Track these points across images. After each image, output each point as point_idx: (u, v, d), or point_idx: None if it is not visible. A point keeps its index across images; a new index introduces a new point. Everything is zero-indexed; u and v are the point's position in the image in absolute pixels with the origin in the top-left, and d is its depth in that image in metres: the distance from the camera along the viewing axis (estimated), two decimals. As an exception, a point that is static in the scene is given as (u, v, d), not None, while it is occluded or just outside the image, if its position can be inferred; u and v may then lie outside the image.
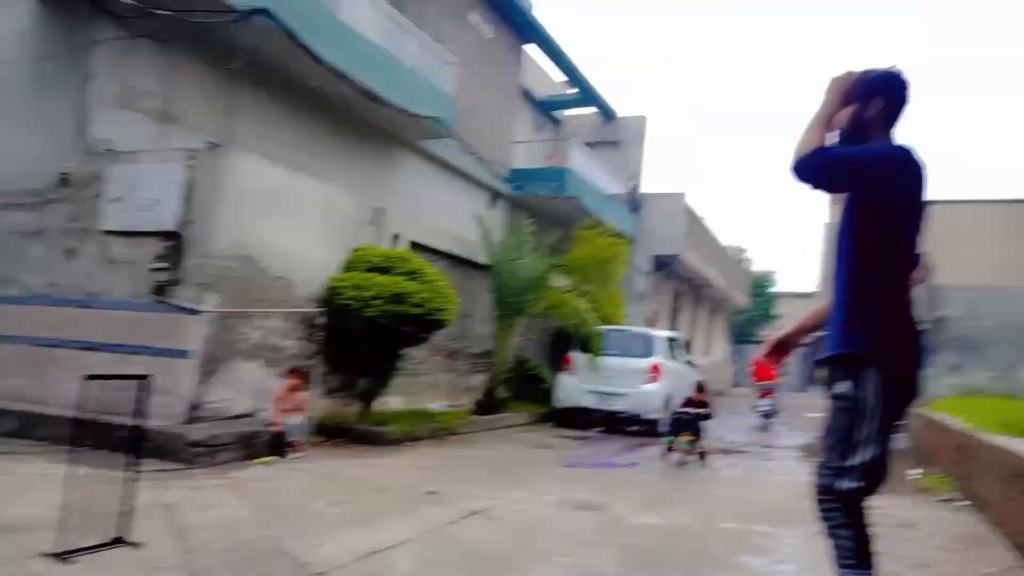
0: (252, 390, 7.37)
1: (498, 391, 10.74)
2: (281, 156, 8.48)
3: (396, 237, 9.54)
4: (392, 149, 11.23)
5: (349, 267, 8.55)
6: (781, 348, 2.72)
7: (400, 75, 9.83)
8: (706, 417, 8.27)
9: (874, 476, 2.37)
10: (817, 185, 2.40)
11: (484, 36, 13.64)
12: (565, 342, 12.90)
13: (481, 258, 11.27)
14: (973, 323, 14.47)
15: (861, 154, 2.42)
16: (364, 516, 4.74)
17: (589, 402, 11.27)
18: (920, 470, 8.79)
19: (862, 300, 2.42)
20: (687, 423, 8.09)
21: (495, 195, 14.22)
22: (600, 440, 10.10)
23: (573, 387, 11.40)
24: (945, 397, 13.38)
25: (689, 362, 13.07)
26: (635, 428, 11.56)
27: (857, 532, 2.39)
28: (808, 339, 2.83)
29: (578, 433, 10.62)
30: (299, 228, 8.05)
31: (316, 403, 7.97)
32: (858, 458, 2.34)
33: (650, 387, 11.08)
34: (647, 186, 19.62)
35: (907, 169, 2.43)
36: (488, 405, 10.55)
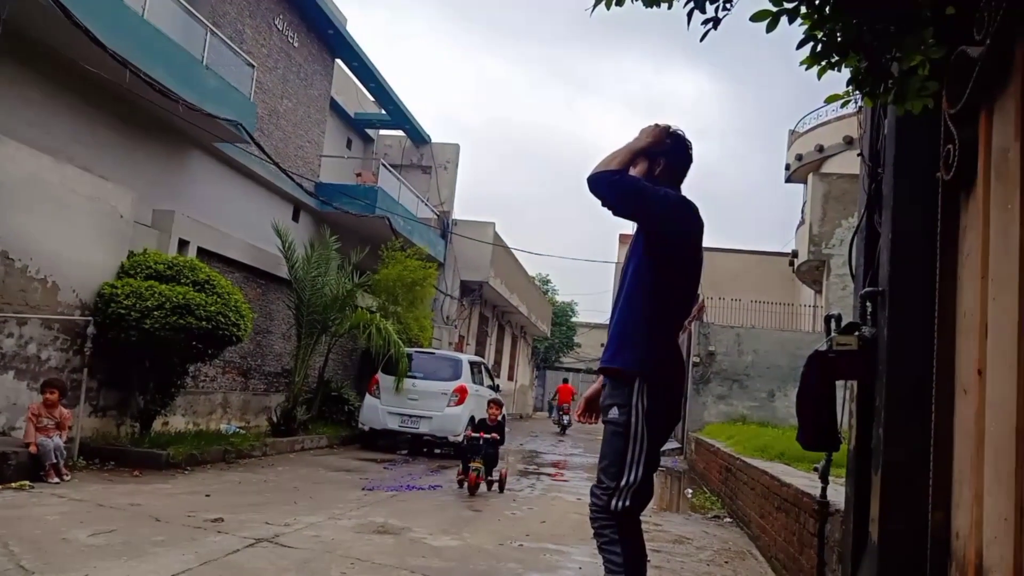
0: (3, 406, 6.37)
1: (297, 412, 10.18)
2: (51, 145, 7.52)
3: (184, 244, 8.77)
4: (183, 149, 10.42)
5: (127, 273, 7.72)
6: (592, 405, 2.89)
7: (193, 71, 9.17)
8: (499, 442, 7.83)
9: (641, 496, 2.54)
10: (606, 200, 2.59)
11: (292, 43, 13.17)
12: (371, 363, 12.63)
13: (282, 272, 10.72)
14: (737, 359, 16.21)
15: (653, 190, 2.64)
16: (133, 547, 4.19)
17: (394, 424, 11.05)
18: (691, 489, 9.56)
19: (638, 328, 2.62)
20: (479, 448, 7.61)
21: (299, 208, 13.68)
22: (404, 463, 9.89)
23: (377, 409, 11.12)
24: (715, 423, 14.81)
25: (494, 386, 13.29)
26: (440, 451, 11.51)
27: (628, 549, 2.49)
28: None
29: (382, 456, 10.34)
30: (68, 226, 7.14)
31: (83, 422, 7.06)
32: (629, 479, 2.51)
33: (455, 410, 11.10)
34: (458, 212, 19.95)
35: (690, 217, 2.71)
36: (285, 426, 9.96)
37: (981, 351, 2.34)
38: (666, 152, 2.78)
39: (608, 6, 2.39)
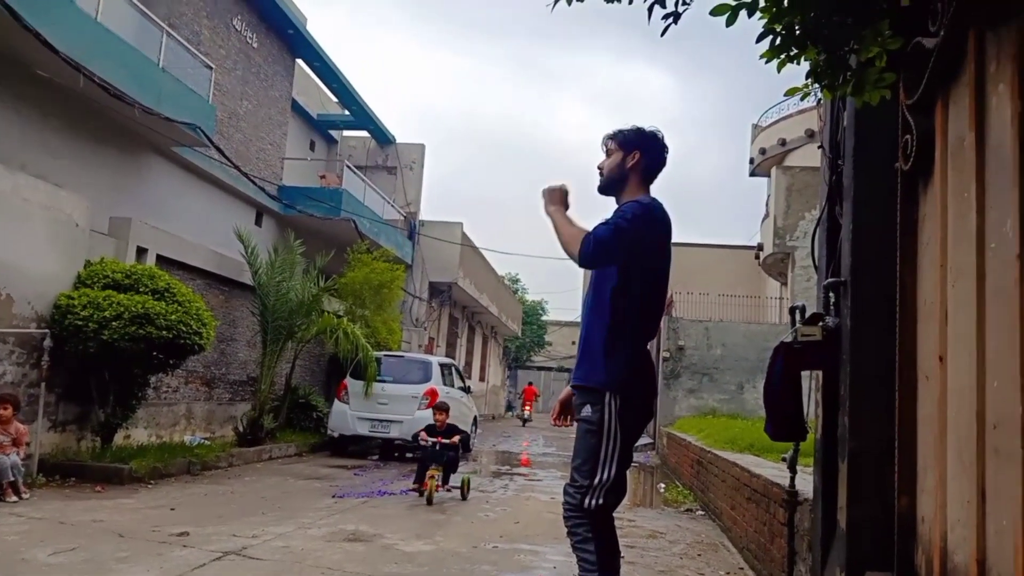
0: (-53, 429, 6.14)
1: (264, 421, 10.04)
2: (1, 153, 7.31)
3: (142, 252, 8.60)
4: (140, 154, 10.22)
5: (84, 283, 7.54)
6: (566, 408, 2.94)
7: (149, 74, 9.00)
8: (459, 447, 7.32)
9: (615, 493, 2.57)
10: (605, 264, 2.65)
11: (251, 44, 12.99)
12: (339, 368, 12.49)
13: (246, 278, 10.56)
14: (706, 352, 16.41)
15: (625, 226, 2.61)
16: (95, 565, 4.09)
17: (363, 430, 10.95)
18: (664, 484, 9.65)
19: (606, 344, 2.64)
20: (436, 455, 7.09)
21: (262, 212, 13.50)
22: (374, 468, 9.81)
23: (347, 415, 11.01)
24: (686, 417, 14.97)
25: (465, 388, 13.25)
26: (411, 455, 11.45)
27: (601, 547, 2.51)
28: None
29: (352, 462, 10.24)
30: (21, 236, 6.94)
31: (42, 438, 6.87)
32: (602, 476, 2.53)
33: (426, 413, 10.97)
34: (425, 213, 19.87)
35: (660, 224, 2.72)
36: (252, 436, 9.81)
37: (942, 338, 2.39)
38: (642, 146, 2.79)
39: (569, 1, 2.39)
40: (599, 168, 2.85)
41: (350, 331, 10.96)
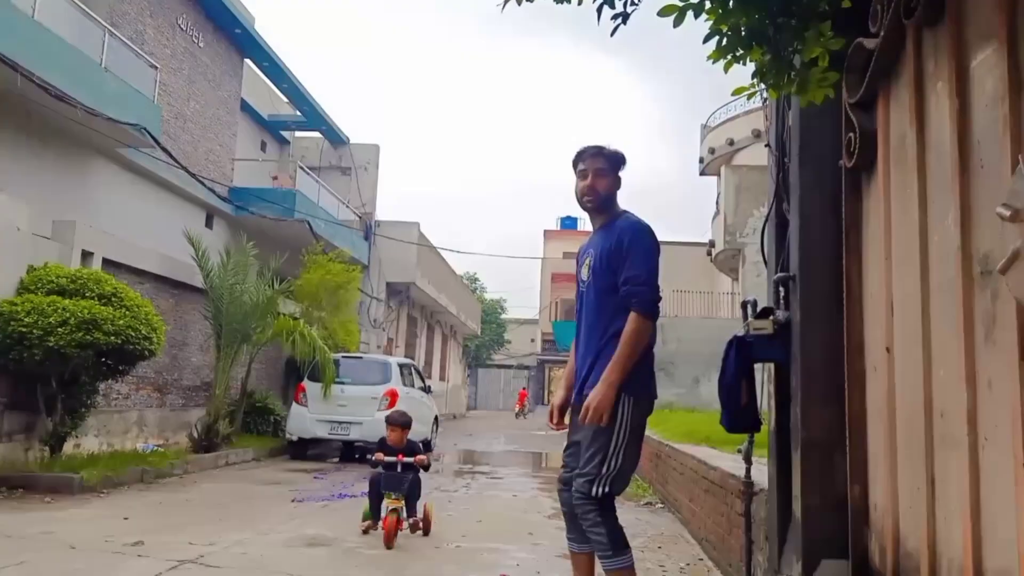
0: None
1: (219, 426, 9.82)
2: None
3: (87, 256, 8.33)
4: (83, 156, 9.89)
5: (28, 289, 7.26)
6: (562, 412, 3.14)
7: (91, 74, 8.72)
8: (424, 466, 5.48)
9: (620, 482, 2.81)
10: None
11: (197, 43, 12.69)
12: (296, 371, 12.30)
13: (197, 281, 10.32)
14: (662, 347, 16.58)
15: (654, 260, 2.97)
16: (41, 580, 3.95)
17: (323, 432, 10.80)
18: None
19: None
20: (394, 481, 5.24)
21: (213, 214, 13.22)
22: (335, 471, 9.69)
23: (305, 418, 10.86)
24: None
25: (425, 387, 13.18)
26: (372, 456, 11.33)
27: (610, 527, 2.76)
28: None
29: (311, 466, 10.09)
30: (-45, 243, 6.66)
31: (-21, 455, 6.60)
32: (610, 467, 2.76)
33: (386, 414, 10.92)
34: (381, 214, 19.67)
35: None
36: (208, 442, 9.60)
37: (888, 330, 2.44)
38: (622, 165, 3.05)
39: (519, 1, 2.38)
40: (593, 190, 2.99)
41: (307, 333, 10.80)
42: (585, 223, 44.97)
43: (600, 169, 2.99)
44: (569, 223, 43.40)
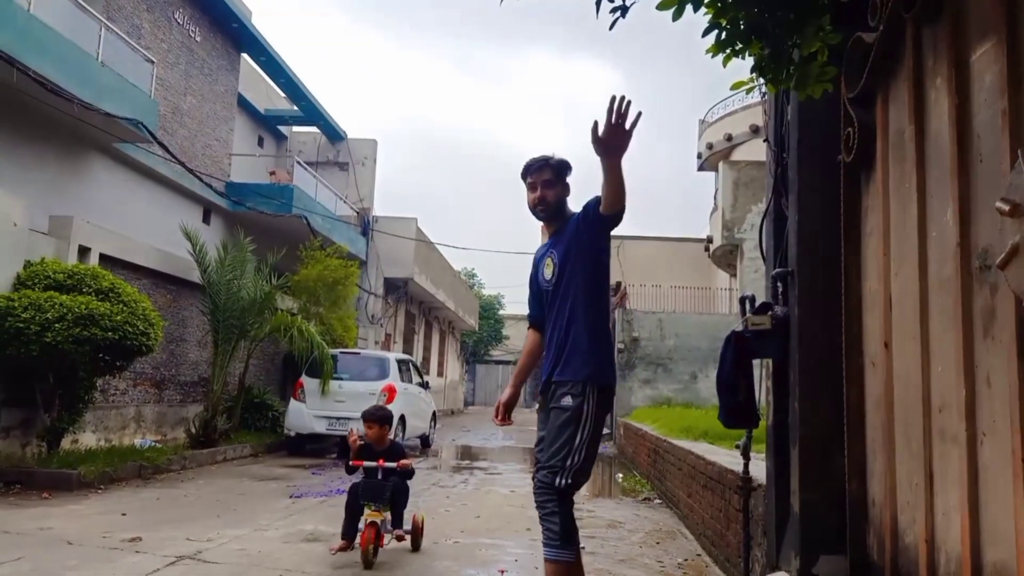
0: None
1: (217, 422, 9.81)
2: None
3: (84, 251, 8.31)
4: (80, 151, 9.86)
5: (24, 284, 7.24)
6: (507, 408, 3.20)
7: (87, 68, 8.68)
8: (409, 473, 4.79)
9: (582, 476, 2.85)
10: (616, 225, 2.92)
11: (194, 38, 12.64)
12: (294, 367, 12.30)
13: (194, 277, 10.31)
14: (660, 343, 16.62)
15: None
16: (43, 575, 3.94)
17: (321, 428, 10.80)
18: (622, 474, 9.75)
19: (592, 341, 2.92)
20: (375, 490, 4.61)
21: (210, 209, 13.19)
22: (332, 467, 9.68)
23: (303, 413, 10.85)
24: (642, 407, 15.14)
25: (423, 383, 13.19)
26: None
27: (564, 519, 2.79)
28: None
29: (310, 461, 10.09)
30: (-49, 238, 6.64)
31: (-23, 451, 6.59)
32: (574, 459, 2.79)
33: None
34: (378, 209, 19.65)
35: None
36: (205, 438, 9.59)
37: (886, 325, 2.44)
38: (568, 173, 3.14)
39: (518, -5, 2.36)
40: (543, 200, 3.08)
41: (304, 329, 10.79)
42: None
43: (547, 180, 3.08)
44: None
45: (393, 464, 4.68)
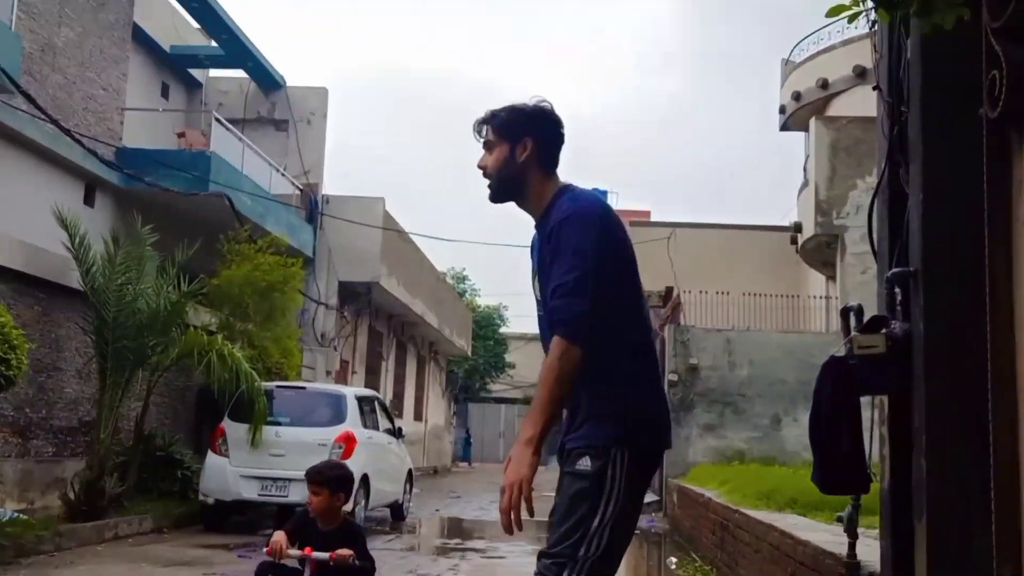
0: None
1: (105, 484, 9.84)
2: None
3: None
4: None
5: None
6: (528, 503, 2.71)
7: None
8: (366, 571, 4.36)
9: (604, 569, 2.67)
10: (599, 320, 2.72)
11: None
12: (213, 407, 12.29)
13: (73, 280, 10.36)
14: (728, 373, 16.59)
15: (586, 256, 2.74)
16: None
17: (251, 493, 10.81)
18: (675, 558, 9.72)
19: (614, 376, 2.78)
20: None
21: (95, 185, 13.25)
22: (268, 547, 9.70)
23: (226, 472, 10.87)
24: (703, 464, 15.08)
25: (394, 430, 13.20)
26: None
27: None
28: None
29: (235, 539, 10.10)
30: None
31: None
32: (590, 548, 2.64)
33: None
34: (331, 186, 19.72)
35: (603, 206, 2.91)
36: (89, 506, 9.61)
37: (1049, 347, 2.44)
38: (532, 130, 2.93)
39: None
40: (481, 169, 2.99)
41: (227, 353, 10.81)
42: (622, 200, 44.87)
43: (488, 143, 2.97)
44: (598, 200, 43.13)
45: (324, 555, 4.17)
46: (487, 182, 3.00)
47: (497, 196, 3.03)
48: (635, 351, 2.86)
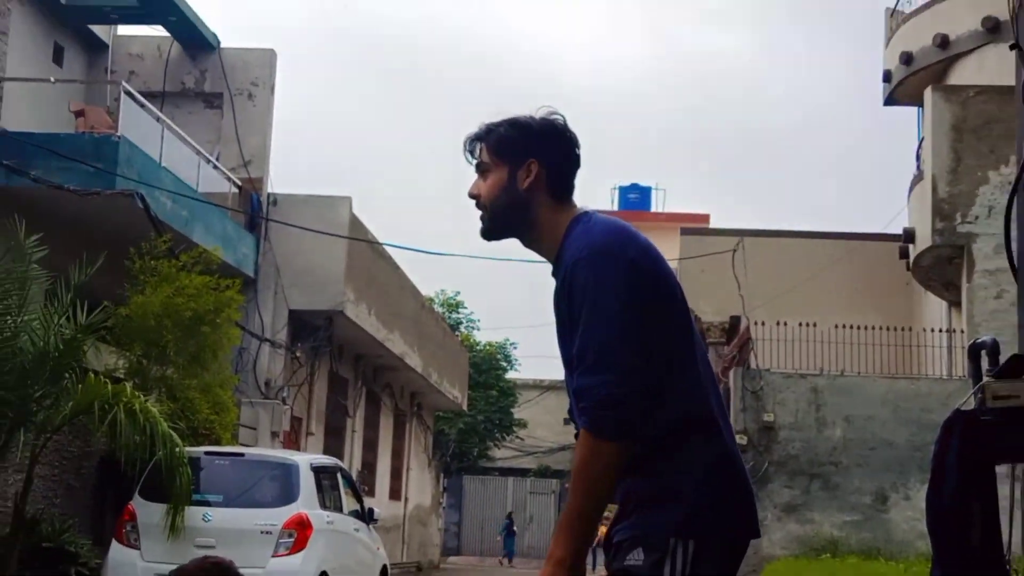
0: None
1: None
2: None
3: None
4: None
5: None
6: None
7: None
8: None
9: None
10: (644, 396, 2.74)
11: None
12: (119, 481, 12.32)
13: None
14: (816, 434, 16.53)
15: (613, 321, 2.77)
16: None
17: (168, 598, 10.83)
18: None
19: (664, 444, 2.79)
20: None
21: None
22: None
23: (137, 569, 10.90)
24: (783, 558, 14.98)
25: (363, 513, 13.21)
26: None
27: None
28: None
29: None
30: None
31: None
32: None
33: (290, 562, 10.96)
34: (280, 182, 19.81)
35: (640, 247, 2.90)
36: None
37: None
38: (537, 149, 3.00)
39: None
40: (473, 198, 3.07)
41: (139, 408, 10.84)
42: (658, 202, 44.60)
43: (482, 165, 3.06)
44: (634, 201, 42.63)
45: None
46: (479, 214, 3.06)
47: (492, 232, 3.10)
48: (694, 412, 2.86)
